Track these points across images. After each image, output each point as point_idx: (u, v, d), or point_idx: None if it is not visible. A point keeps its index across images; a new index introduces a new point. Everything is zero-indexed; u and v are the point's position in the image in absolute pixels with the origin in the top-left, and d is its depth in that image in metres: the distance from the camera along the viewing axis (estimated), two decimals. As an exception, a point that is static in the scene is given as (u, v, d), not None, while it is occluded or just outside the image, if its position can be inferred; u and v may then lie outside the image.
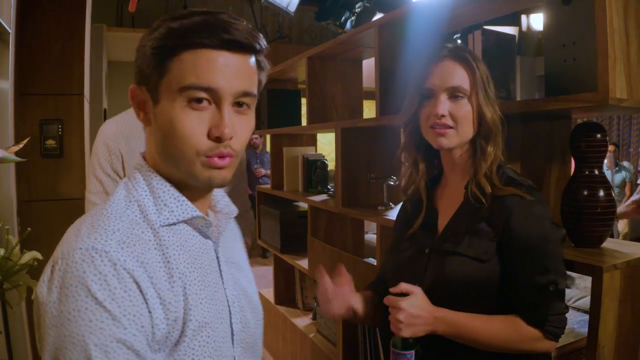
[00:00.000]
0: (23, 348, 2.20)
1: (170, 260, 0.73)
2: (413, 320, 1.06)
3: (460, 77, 1.11)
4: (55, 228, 1.20)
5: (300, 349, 2.77)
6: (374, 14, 5.24)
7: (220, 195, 0.88)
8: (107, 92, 5.27)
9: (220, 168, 0.74)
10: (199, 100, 0.71)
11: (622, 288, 1.17)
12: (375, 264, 2.03)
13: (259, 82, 0.79)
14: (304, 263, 2.72)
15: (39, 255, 1.39)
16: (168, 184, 0.77)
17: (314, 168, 2.90)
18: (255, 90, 0.77)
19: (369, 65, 2.45)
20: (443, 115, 1.11)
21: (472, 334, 1.07)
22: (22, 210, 2.56)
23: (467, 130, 1.13)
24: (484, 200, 1.09)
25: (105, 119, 5.07)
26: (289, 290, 3.26)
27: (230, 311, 0.81)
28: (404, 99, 2.11)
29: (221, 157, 0.73)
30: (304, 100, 2.97)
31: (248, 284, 0.90)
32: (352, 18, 5.55)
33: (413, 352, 1.10)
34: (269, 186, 3.28)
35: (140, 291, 0.68)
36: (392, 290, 1.11)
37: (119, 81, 6.98)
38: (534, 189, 1.10)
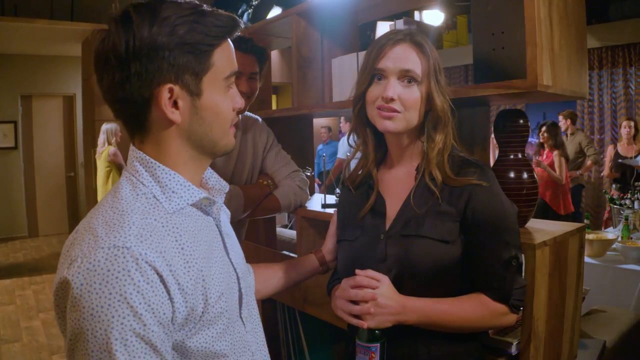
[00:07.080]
0: None
1: (184, 247, 0.78)
2: (380, 310, 1.04)
3: (414, 61, 1.09)
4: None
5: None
6: (271, 7, 5.17)
7: (209, 173, 0.95)
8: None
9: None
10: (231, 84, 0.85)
11: (551, 263, 1.24)
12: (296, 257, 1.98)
13: None
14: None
15: None
16: (172, 172, 0.82)
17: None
18: None
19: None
20: (392, 99, 1.08)
21: (443, 319, 1.06)
22: None
23: (415, 117, 1.11)
24: (436, 191, 1.09)
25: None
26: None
27: (238, 276, 0.91)
28: (320, 90, 2.11)
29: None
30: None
31: (240, 251, 1.01)
32: (249, 11, 5.44)
33: (378, 344, 1.04)
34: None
35: (162, 281, 0.72)
36: (358, 273, 1.07)
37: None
38: (485, 167, 1.11)
